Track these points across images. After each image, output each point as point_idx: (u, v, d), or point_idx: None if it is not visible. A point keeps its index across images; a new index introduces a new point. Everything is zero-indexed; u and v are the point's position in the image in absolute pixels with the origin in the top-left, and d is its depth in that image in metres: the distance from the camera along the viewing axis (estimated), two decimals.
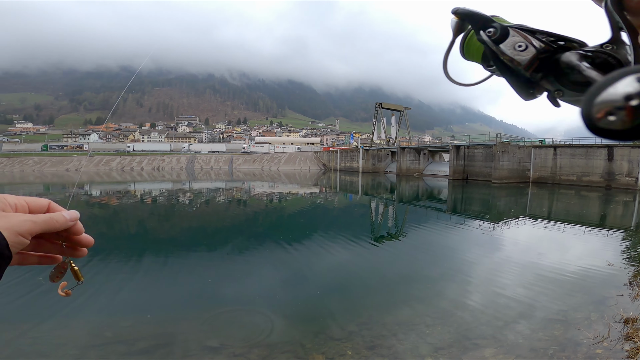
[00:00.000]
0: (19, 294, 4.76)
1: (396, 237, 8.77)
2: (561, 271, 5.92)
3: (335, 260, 6.62)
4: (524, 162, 27.19)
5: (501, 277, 5.64)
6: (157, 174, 42.54)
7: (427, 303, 4.61)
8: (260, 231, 9.83)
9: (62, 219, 0.47)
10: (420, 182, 29.42)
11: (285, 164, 58.55)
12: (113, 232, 9.83)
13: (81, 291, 4.78)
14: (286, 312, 4.26)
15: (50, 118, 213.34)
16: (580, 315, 4.22)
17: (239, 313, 4.25)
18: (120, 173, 43.26)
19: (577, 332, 3.78)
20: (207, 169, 55.01)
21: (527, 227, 10.44)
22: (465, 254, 7.28)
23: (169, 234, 9.47)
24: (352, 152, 48.56)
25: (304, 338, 3.65)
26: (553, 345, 3.54)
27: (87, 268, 5.79)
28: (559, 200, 17.38)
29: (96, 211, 13.52)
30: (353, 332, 3.79)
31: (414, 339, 3.66)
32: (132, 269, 5.86)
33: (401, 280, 5.56)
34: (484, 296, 4.85)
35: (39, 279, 5.22)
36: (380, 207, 15.44)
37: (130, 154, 66.55)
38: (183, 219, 11.97)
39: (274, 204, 16.34)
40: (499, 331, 3.83)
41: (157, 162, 59.32)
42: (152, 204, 16.08)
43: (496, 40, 0.42)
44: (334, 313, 4.26)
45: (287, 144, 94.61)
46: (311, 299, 4.76)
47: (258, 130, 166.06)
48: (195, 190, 22.35)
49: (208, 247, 7.72)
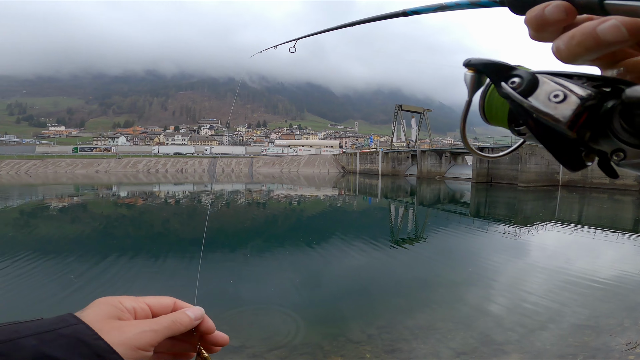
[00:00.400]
0: (52, 291, 4.99)
1: (416, 241, 8.64)
2: (592, 277, 5.66)
3: (354, 262, 6.59)
4: (552, 164, 26.16)
5: (527, 283, 5.44)
6: (181, 175, 43.70)
7: (448, 307, 4.51)
8: (279, 233, 9.92)
9: (187, 319, 0.42)
10: (441, 185, 28.86)
11: (305, 167, 58.83)
12: (138, 231, 10.16)
13: (109, 288, 4.97)
14: (305, 314, 4.27)
15: (81, 121, 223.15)
16: (613, 322, 4.02)
17: (259, 314, 4.30)
18: (146, 175, 44.74)
19: (609, 338, 3.61)
20: (228, 171, 56.02)
21: (555, 232, 10.04)
22: (489, 258, 7.07)
23: (191, 234, 9.70)
24: (371, 154, 48.25)
25: (322, 340, 3.65)
26: (583, 351, 3.39)
27: (111, 266, 6.01)
28: (590, 205, 16.62)
29: (124, 211, 14.02)
30: (372, 335, 3.76)
31: (435, 343, 3.59)
32: (157, 269, 6.03)
33: (422, 284, 5.46)
34: (509, 301, 4.69)
35: (70, 276, 5.46)
36: (400, 211, 15.24)
37: (155, 156, 68.74)
38: (205, 220, 12.24)
39: (293, 206, 16.44)
40: (525, 337, 3.70)
41: (180, 164, 60.96)
42: (175, 205, 16.53)
43: (524, 92, 0.32)
44: (353, 316, 4.24)
45: (307, 146, 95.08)
46: (330, 301, 4.76)
47: (277, 133, 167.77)
48: (217, 192, 22.80)
49: (229, 247, 7.85)
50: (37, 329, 0.32)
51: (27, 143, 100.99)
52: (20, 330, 0.32)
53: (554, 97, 0.30)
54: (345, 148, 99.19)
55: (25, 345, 0.30)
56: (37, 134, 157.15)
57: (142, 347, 0.35)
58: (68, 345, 0.32)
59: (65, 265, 5.98)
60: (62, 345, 0.31)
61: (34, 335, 0.31)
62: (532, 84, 0.32)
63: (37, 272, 5.61)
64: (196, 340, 0.44)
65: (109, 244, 8.05)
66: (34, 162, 57.47)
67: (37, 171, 52.10)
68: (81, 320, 0.35)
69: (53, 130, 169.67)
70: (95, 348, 0.32)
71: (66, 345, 0.32)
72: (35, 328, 0.32)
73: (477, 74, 0.36)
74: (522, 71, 0.33)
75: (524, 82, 0.32)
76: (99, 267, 5.91)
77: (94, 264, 6.05)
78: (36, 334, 0.32)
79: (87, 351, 0.32)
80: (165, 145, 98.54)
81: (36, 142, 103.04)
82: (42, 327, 0.32)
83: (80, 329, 0.33)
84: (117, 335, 0.35)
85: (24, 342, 0.31)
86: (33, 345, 0.31)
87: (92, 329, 0.34)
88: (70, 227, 10.25)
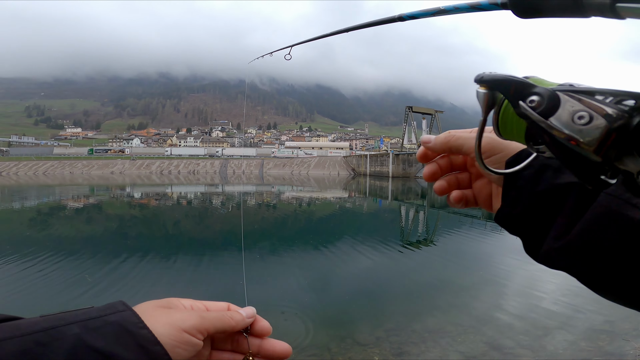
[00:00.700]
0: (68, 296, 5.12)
1: (427, 244, 8.57)
2: None
3: (363, 265, 6.58)
4: None
5: (541, 286, 5.35)
6: (193, 177, 44.30)
7: (458, 310, 4.47)
8: (289, 234, 9.96)
9: (238, 315, 0.41)
10: None
11: (315, 169, 58.90)
12: (149, 232, 10.34)
13: (120, 289, 5.08)
14: (313, 315, 4.29)
15: (97, 123, 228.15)
16: (628, 326, 3.94)
17: (266, 315, 4.33)
18: (159, 176, 45.49)
19: (623, 343, 3.54)
20: (239, 172, 56.50)
21: None
22: (502, 262, 6.97)
23: (202, 235, 9.83)
24: (381, 156, 48.02)
25: (330, 342, 3.66)
26: (597, 355, 3.33)
27: (125, 263, 6.14)
28: None
29: (136, 212, 14.29)
30: (380, 337, 3.75)
31: (444, 346, 3.56)
32: (167, 269, 6.14)
33: (431, 287, 5.42)
34: (521, 305, 4.63)
35: (85, 275, 5.60)
36: (410, 213, 15.14)
37: (168, 157, 69.89)
38: (215, 221, 12.38)
39: (303, 208, 16.50)
40: (537, 341, 3.64)
41: (192, 166, 61.75)
42: (187, 206, 16.77)
43: (544, 112, 0.29)
44: (361, 318, 4.24)
45: (317, 148, 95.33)
46: (339, 303, 4.76)
47: (288, 135, 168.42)
48: (228, 194, 23.04)
49: (239, 248, 7.93)
50: (83, 316, 0.31)
51: (45, 144, 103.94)
52: (66, 318, 0.31)
53: (578, 118, 0.28)
54: (356, 150, 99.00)
55: (67, 334, 0.29)
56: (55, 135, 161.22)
57: (188, 329, 0.34)
58: (111, 335, 0.30)
59: (86, 266, 6.14)
60: (106, 335, 0.30)
61: (78, 323, 0.30)
62: (553, 103, 0.29)
63: (58, 272, 5.77)
64: (247, 347, 0.41)
65: (122, 244, 8.22)
66: (52, 163, 59.00)
67: (55, 172, 53.49)
68: (129, 307, 0.33)
69: (70, 132, 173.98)
70: (139, 338, 0.31)
71: (110, 335, 0.30)
72: (82, 315, 0.31)
73: (490, 91, 0.33)
74: (541, 88, 0.30)
75: (544, 101, 0.29)
76: (117, 268, 6.04)
77: (110, 265, 6.19)
78: (82, 321, 0.30)
79: (130, 341, 0.31)
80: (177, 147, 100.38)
81: (54, 144, 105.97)
82: (90, 314, 0.31)
83: (127, 316, 0.32)
84: (164, 317, 0.34)
85: (66, 330, 0.29)
86: (75, 334, 0.29)
87: (139, 317, 0.32)
88: (89, 227, 10.50)
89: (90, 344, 0.29)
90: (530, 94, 0.30)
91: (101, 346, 0.29)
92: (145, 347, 0.31)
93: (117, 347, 0.30)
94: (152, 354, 0.31)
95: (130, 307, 0.33)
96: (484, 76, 0.33)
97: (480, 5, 0.38)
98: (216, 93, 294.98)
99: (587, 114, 0.27)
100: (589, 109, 0.28)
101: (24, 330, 0.28)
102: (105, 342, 0.29)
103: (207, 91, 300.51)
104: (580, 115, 0.28)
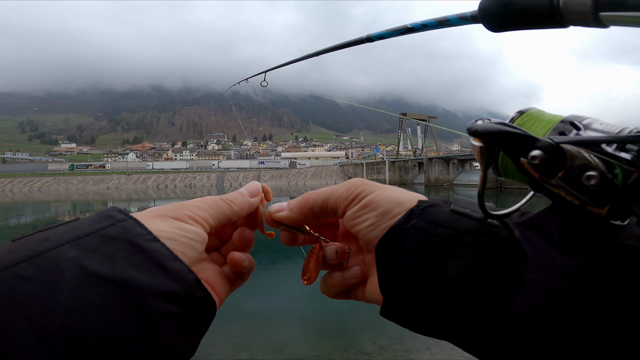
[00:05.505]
0: None
1: None
2: None
3: None
4: None
5: None
6: (189, 191, 44.19)
7: None
8: None
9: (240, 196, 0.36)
10: (450, 193, 28.70)
11: (312, 179, 59.01)
12: None
13: None
14: (315, 325, 4.26)
15: (91, 138, 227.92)
16: None
17: (267, 325, 4.30)
18: (155, 191, 45.35)
19: None
20: (236, 185, 56.45)
21: None
22: None
23: None
24: (378, 164, 48.32)
25: (332, 352, 3.63)
26: None
27: None
28: None
29: None
30: (384, 346, 3.73)
31: (449, 352, 3.55)
32: None
33: None
34: None
35: None
36: None
37: (164, 172, 69.75)
38: None
39: None
40: None
41: (189, 179, 61.69)
42: None
43: (548, 170, 0.26)
44: (364, 327, 4.21)
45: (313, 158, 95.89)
46: (340, 312, 4.73)
47: (284, 146, 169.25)
48: None
49: None
50: (74, 233, 0.23)
51: (39, 161, 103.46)
52: (51, 237, 0.23)
53: (586, 179, 0.25)
54: (352, 159, 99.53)
55: (61, 260, 0.21)
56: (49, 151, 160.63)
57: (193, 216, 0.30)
58: (117, 254, 0.23)
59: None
60: (110, 255, 0.23)
61: (71, 243, 0.23)
62: (558, 160, 0.26)
63: None
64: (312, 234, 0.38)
65: None
66: (47, 180, 58.64)
67: (50, 188, 53.13)
68: (128, 214, 0.27)
69: (65, 147, 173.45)
70: (152, 254, 0.24)
71: (115, 255, 0.23)
72: (71, 232, 0.23)
73: (486, 145, 0.29)
74: (544, 142, 0.26)
75: (548, 157, 0.26)
76: None
77: None
78: (74, 239, 0.23)
79: (143, 260, 0.24)
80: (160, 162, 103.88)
81: (48, 160, 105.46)
82: (82, 229, 0.24)
83: (129, 226, 0.25)
84: (162, 221, 0.28)
85: (58, 255, 0.21)
86: (72, 258, 0.22)
87: (145, 227, 0.26)
88: None
89: (95, 270, 0.22)
90: (531, 148, 0.26)
91: (107, 272, 0.22)
92: (163, 265, 0.24)
93: (128, 271, 0.23)
94: (173, 272, 0.25)
95: (129, 214, 0.27)
96: (477, 128, 0.28)
97: (449, 21, 0.36)
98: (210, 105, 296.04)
99: (598, 174, 0.24)
100: (599, 166, 0.24)
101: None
102: (112, 267, 0.22)
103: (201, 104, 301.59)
104: (590, 176, 0.24)
